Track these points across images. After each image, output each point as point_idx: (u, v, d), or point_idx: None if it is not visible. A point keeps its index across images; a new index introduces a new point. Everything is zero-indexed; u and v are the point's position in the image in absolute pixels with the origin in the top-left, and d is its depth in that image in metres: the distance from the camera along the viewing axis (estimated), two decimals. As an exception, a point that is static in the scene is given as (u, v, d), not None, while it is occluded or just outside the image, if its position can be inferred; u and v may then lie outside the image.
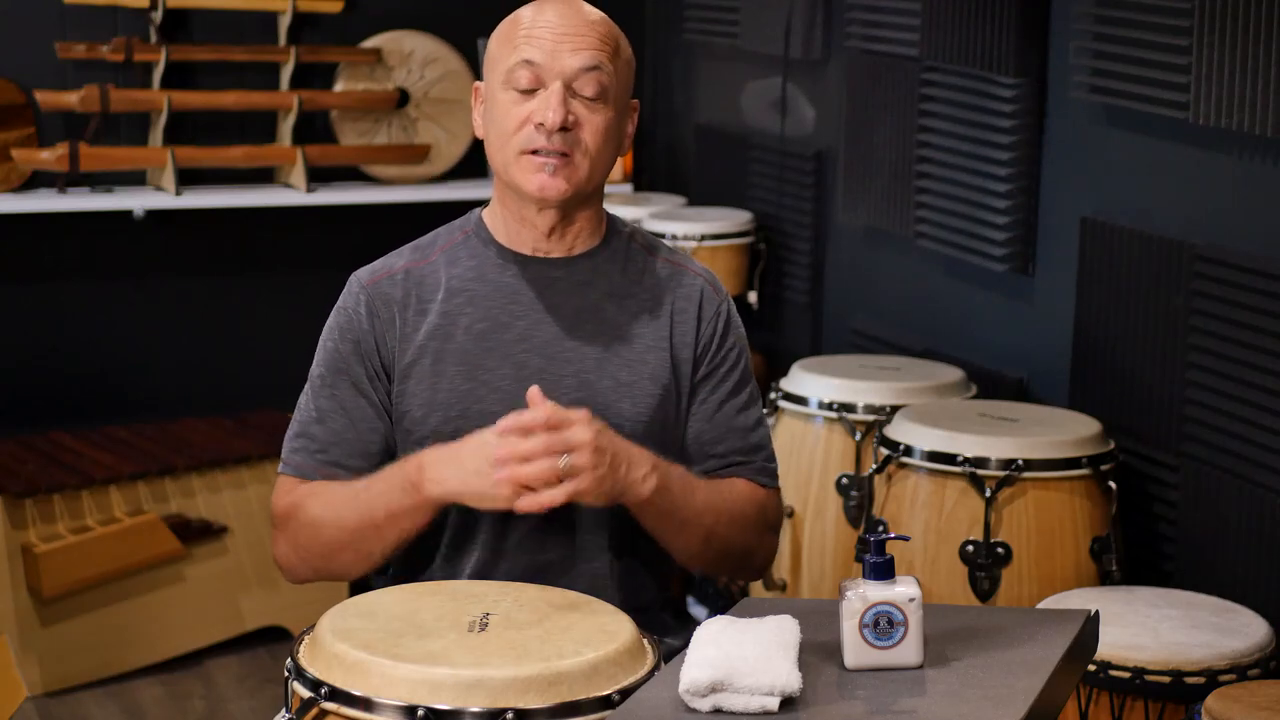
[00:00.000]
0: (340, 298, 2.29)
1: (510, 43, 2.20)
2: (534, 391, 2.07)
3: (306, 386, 2.28)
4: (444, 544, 2.26)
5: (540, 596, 2.06)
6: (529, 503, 2.03)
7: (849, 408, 3.42)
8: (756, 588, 3.59)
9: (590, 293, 2.26)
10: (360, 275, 2.29)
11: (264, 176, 4.68)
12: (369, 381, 2.24)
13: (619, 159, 2.30)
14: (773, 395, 3.53)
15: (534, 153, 2.17)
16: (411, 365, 2.23)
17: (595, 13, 2.23)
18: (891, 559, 1.83)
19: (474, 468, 2.07)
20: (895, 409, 3.28)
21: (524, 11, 2.22)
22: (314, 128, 4.69)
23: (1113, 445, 3.10)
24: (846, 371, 3.54)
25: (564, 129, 2.16)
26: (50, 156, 4.33)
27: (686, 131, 4.94)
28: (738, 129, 4.66)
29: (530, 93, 2.18)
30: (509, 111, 2.18)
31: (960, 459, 3.00)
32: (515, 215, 2.25)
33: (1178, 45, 3.02)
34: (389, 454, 2.25)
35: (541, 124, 2.16)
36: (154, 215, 4.51)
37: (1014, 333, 3.63)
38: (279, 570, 2.29)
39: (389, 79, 4.71)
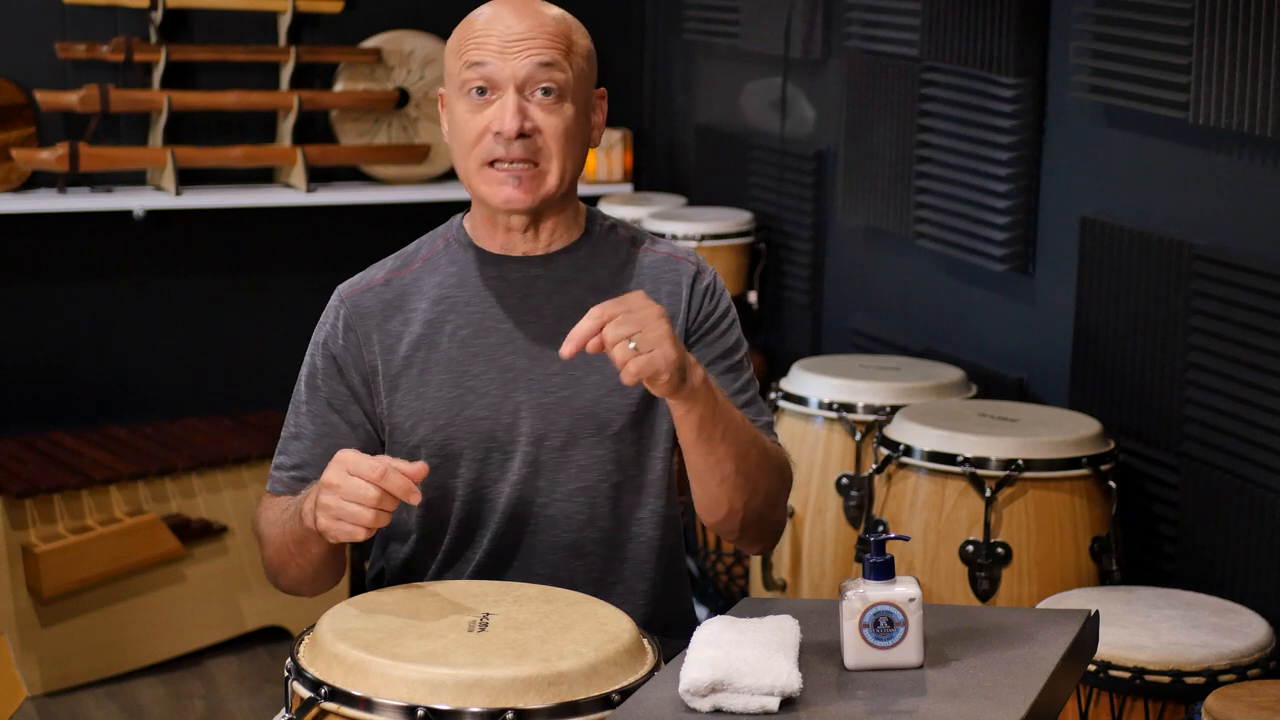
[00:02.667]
0: (324, 311, 2.29)
1: (461, 51, 2.17)
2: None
3: (292, 400, 2.28)
4: (444, 550, 2.26)
5: (540, 596, 2.06)
6: (632, 372, 1.96)
7: (849, 408, 3.42)
8: (756, 587, 3.59)
9: (572, 289, 2.24)
10: (341, 289, 2.29)
11: (264, 176, 4.68)
12: (345, 399, 2.24)
13: (593, 149, 2.28)
14: (773, 395, 3.53)
15: (497, 162, 2.16)
16: (398, 376, 2.22)
17: (546, 11, 2.19)
18: (891, 559, 1.83)
19: (325, 501, 2.04)
20: (895, 409, 3.29)
21: (474, 16, 2.20)
22: (314, 128, 4.69)
23: (1113, 445, 3.10)
24: (846, 371, 3.54)
25: (523, 135, 2.14)
26: (50, 156, 4.33)
27: (686, 131, 4.94)
28: (738, 129, 4.66)
29: (486, 99, 2.16)
30: (467, 122, 2.16)
31: (960, 459, 3.00)
32: (488, 219, 2.24)
33: (1178, 45, 3.02)
34: None
35: (499, 132, 2.14)
36: (154, 215, 4.51)
37: (1014, 333, 3.64)
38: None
39: (389, 79, 4.71)
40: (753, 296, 4.47)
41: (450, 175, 4.81)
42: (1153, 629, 2.66)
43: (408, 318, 2.24)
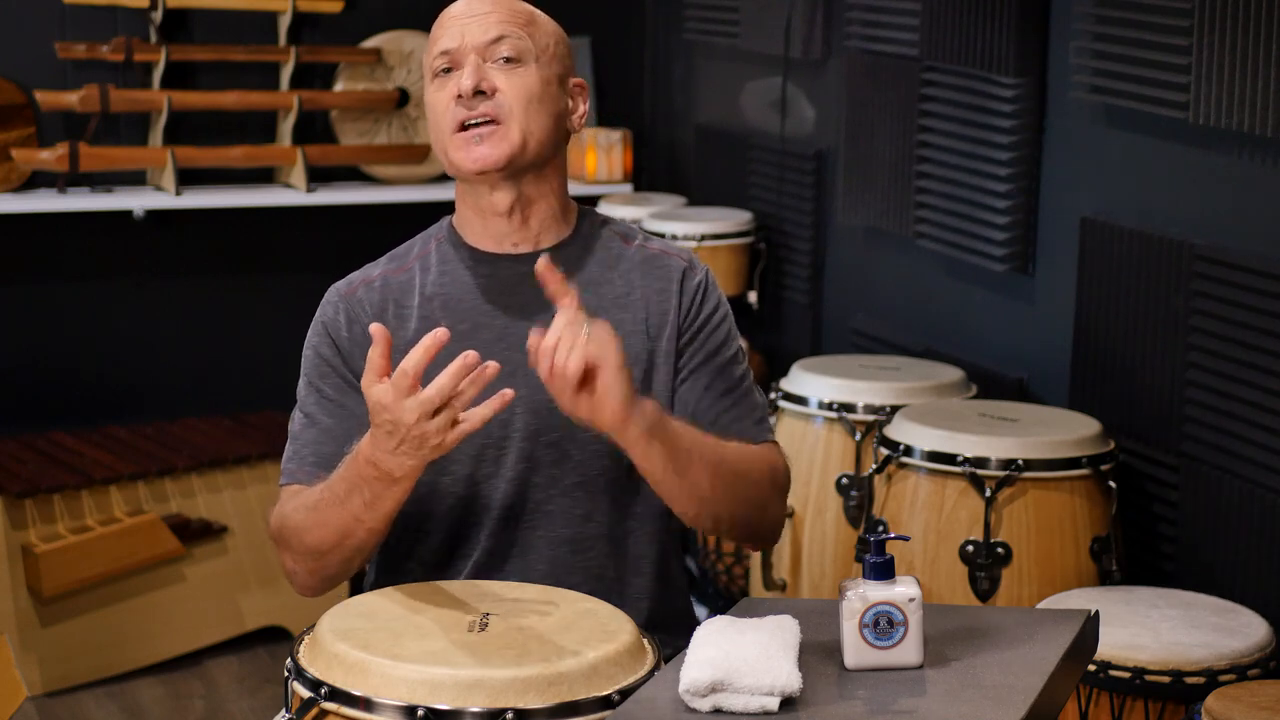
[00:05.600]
0: (318, 310, 2.29)
1: (430, 44, 2.25)
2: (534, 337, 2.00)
3: (296, 405, 2.27)
4: (441, 546, 2.26)
5: (540, 596, 2.06)
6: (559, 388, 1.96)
7: (849, 408, 3.42)
8: (756, 587, 3.59)
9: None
10: (338, 287, 2.30)
11: (264, 176, 4.68)
12: (354, 385, 2.24)
13: (572, 135, 2.30)
14: (773, 395, 3.53)
15: (463, 128, 2.19)
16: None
17: (513, 1, 2.26)
18: (891, 559, 1.83)
19: (404, 446, 1.99)
20: (895, 409, 3.28)
21: (443, 13, 2.27)
22: (314, 128, 4.69)
23: (1113, 445, 3.10)
24: (846, 371, 3.54)
25: (480, 93, 2.18)
26: (50, 156, 4.33)
27: (686, 131, 4.94)
28: (738, 129, 4.66)
29: (451, 75, 2.21)
30: (436, 100, 2.22)
31: (960, 459, 3.00)
32: (475, 209, 2.26)
33: (1178, 45, 3.02)
34: None
35: (461, 95, 2.18)
36: (154, 215, 4.51)
37: (1014, 333, 3.64)
38: (292, 586, 2.26)
39: (389, 79, 4.71)
40: (753, 296, 4.47)
41: (449, 175, 4.80)
42: (1153, 629, 2.66)
43: (402, 316, 2.25)
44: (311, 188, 4.59)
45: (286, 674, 1.94)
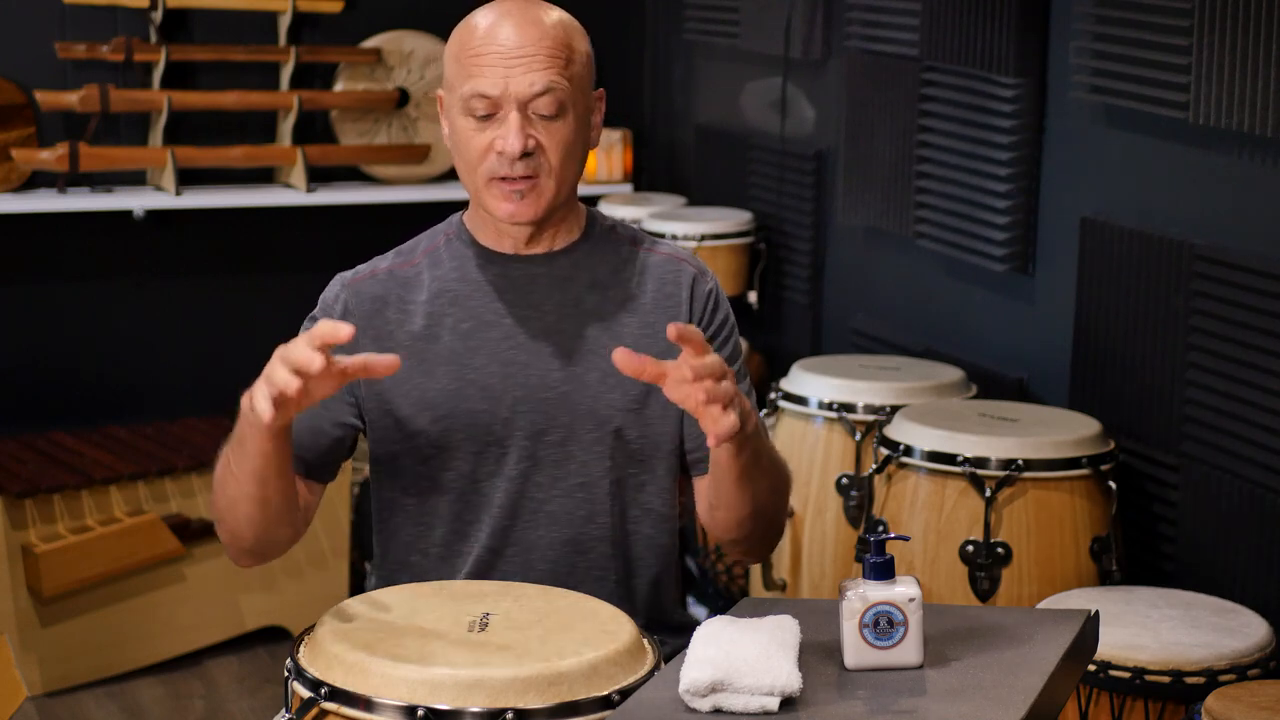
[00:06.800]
0: (322, 295, 2.30)
1: (463, 66, 2.17)
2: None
3: None
4: (440, 543, 2.27)
5: (540, 596, 2.06)
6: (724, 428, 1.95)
7: (849, 408, 3.42)
8: (756, 587, 3.59)
9: (572, 287, 2.26)
10: (343, 276, 2.31)
11: (264, 176, 4.68)
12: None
13: (595, 150, 2.30)
14: (773, 395, 3.53)
15: (501, 179, 2.17)
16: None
17: (545, 19, 2.18)
18: (891, 559, 1.83)
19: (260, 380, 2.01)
20: (895, 409, 3.28)
21: (474, 24, 2.19)
22: (314, 128, 4.69)
23: (1113, 445, 3.10)
24: (846, 371, 3.54)
25: (526, 154, 2.16)
26: (50, 156, 4.33)
27: (686, 131, 4.94)
28: (738, 129, 4.66)
29: (489, 119, 2.17)
30: (471, 140, 2.18)
31: (960, 459, 3.00)
32: (491, 223, 2.26)
33: (1178, 45, 3.02)
34: (346, 440, 2.26)
35: (503, 152, 2.15)
36: (154, 215, 4.51)
37: (1014, 333, 3.64)
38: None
39: (389, 79, 4.71)
40: (753, 296, 4.46)
41: (450, 175, 4.81)
42: (1153, 629, 2.66)
43: (406, 310, 2.25)
44: (311, 188, 4.59)
45: (286, 674, 1.94)
